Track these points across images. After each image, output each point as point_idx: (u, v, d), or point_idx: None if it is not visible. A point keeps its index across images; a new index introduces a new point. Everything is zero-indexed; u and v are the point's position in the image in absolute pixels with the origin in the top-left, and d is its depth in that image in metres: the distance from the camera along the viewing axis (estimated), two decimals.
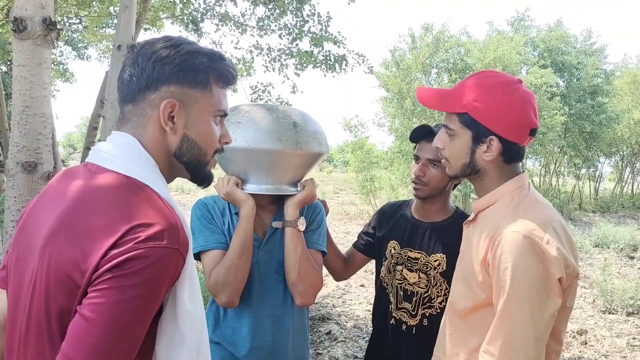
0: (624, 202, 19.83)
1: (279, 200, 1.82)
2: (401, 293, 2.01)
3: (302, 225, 1.73)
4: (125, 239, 0.93)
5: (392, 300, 2.05)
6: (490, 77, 1.40)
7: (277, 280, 1.77)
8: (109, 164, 1.06)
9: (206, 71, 1.13)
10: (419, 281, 1.96)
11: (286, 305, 1.79)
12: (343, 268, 2.27)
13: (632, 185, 22.06)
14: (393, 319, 2.03)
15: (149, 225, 0.95)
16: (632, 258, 9.26)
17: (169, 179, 1.17)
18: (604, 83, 19.24)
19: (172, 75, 1.09)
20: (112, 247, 0.92)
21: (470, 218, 1.51)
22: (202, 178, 1.22)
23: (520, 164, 1.47)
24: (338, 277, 2.31)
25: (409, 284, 1.99)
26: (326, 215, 1.98)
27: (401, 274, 2.01)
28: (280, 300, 1.78)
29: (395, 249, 2.06)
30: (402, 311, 2.00)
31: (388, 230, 2.14)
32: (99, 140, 5.68)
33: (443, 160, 1.50)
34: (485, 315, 1.33)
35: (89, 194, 1.02)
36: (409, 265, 1.99)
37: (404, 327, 1.99)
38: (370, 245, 2.22)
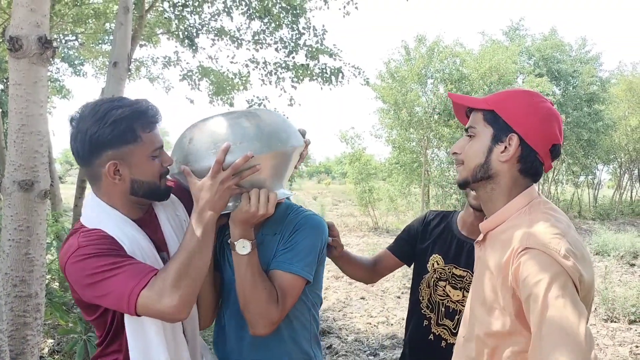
0: (623, 209, 19.83)
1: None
2: (443, 309, 1.98)
3: (243, 248, 1.49)
4: None
5: (431, 315, 2.01)
6: (520, 89, 1.42)
7: None
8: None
9: (132, 130, 1.41)
10: (463, 299, 1.93)
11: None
12: (370, 274, 2.24)
13: (631, 192, 22.10)
14: (432, 334, 2.00)
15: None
16: (632, 265, 9.23)
17: (135, 209, 1.52)
18: (600, 90, 19.33)
19: (107, 144, 1.39)
20: None
21: (479, 238, 1.46)
22: (160, 197, 1.55)
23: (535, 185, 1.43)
24: (367, 283, 2.33)
25: (451, 301, 1.95)
26: (328, 240, 1.75)
27: (444, 290, 1.98)
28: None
29: (438, 264, 2.02)
30: (443, 328, 1.97)
31: (432, 242, 2.09)
32: None
33: (457, 165, 1.47)
34: (507, 344, 1.28)
35: None
36: (453, 282, 1.95)
37: (443, 344, 1.96)
38: (408, 253, 2.18)
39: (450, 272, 1.97)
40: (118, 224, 1.45)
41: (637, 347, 5.11)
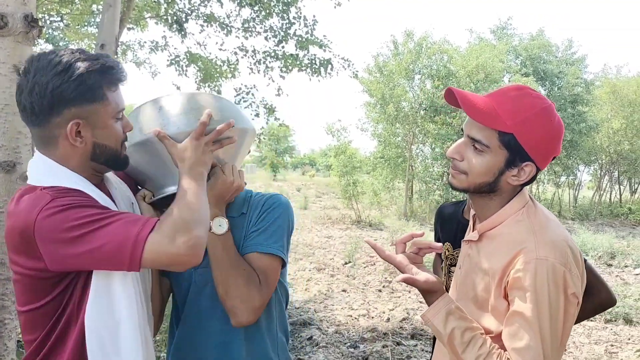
0: (602, 210, 20.12)
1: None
2: None
3: (220, 227, 1.44)
4: None
5: None
6: (534, 97, 1.31)
7: (218, 301, 1.47)
8: (28, 180, 1.31)
9: (100, 87, 1.26)
10: None
11: (233, 330, 1.50)
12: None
13: (610, 194, 22.41)
14: None
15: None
16: (610, 265, 9.38)
17: (94, 175, 1.35)
18: (584, 92, 19.57)
19: (71, 100, 1.22)
20: None
21: (472, 238, 1.44)
22: (119, 166, 1.38)
23: None
24: None
25: None
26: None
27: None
28: (224, 325, 1.50)
29: (448, 250, 2.07)
30: None
31: (444, 232, 2.15)
32: None
33: (456, 171, 1.39)
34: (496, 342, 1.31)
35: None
36: None
37: None
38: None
39: (457, 257, 2.01)
40: (81, 183, 1.28)
41: (612, 345, 5.20)
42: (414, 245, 1.43)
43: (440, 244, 1.43)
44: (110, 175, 1.47)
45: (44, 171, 1.28)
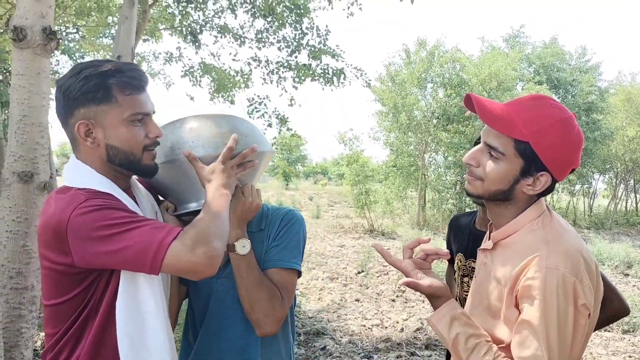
0: (618, 218, 19.89)
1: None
2: None
3: (243, 247, 1.51)
4: None
5: None
6: (554, 107, 1.30)
7: (238, 309, 1.58)
8: (64, 182, 1.38)
9: (105, 87, 1.31)
10: None
11: (250, 335, 1.59)
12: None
13: (626, 202, 22.16)
14: None
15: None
16: (626, 275, 9.25)
17: (119, 178, 1.40)
18: (598, 100, 19.40)
19: (78, 100, 1.31)
20: None
21: (487, 247, 1.44)
22: (141, 172, 1.42)
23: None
24: None
25: None
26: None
27: (468, 285, 2.00)
28: (243, 331, 1.59)
29: (461, 261, 2.07)
30: None
31: (456, 243, 2.16)
32: None
33: (472, 177, 1.39)
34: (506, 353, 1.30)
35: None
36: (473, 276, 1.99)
37: None
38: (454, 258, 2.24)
39: (470, 267, 2.01)
40: (111, 187, 1.35)
41: (630, 357, 5.12)
42: (422, 252, 1.44)
43: (446, 251, 1.42)
44: (137, 182, 1.54)
45: (76, 173, 1.36)
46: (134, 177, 1.51)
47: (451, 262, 2.31)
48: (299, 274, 1.64)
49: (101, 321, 1.31)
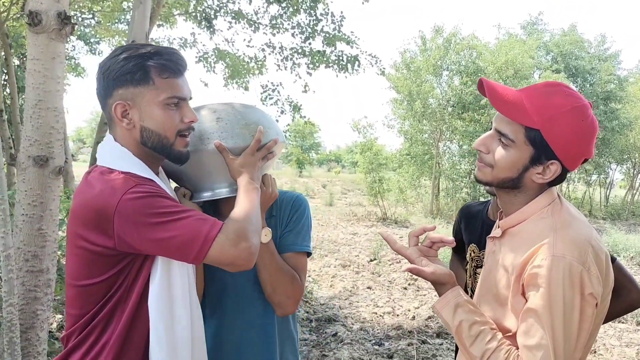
0: (635, 209, 19.66)
1: None
2: None
3: (265, 236, 1.54)
4: None
5: None
6: (567, 95, 1.28)
7: (255, 290, 1.64)
8: (99, 161, 1.40)
9: (143, 69, 1.33)
10: None
11: (267, 315, 1.67)
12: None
13: None
14: None
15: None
16: None
17: (152, 162, 1.41)
18: (617, 89, 19.11)
19: (116, 81, 1.33)
20: None
21: (496, 234, 1.43)
22: (173, 157, 1.42)
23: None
24: None
25: None
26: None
27: None
28: (261, 310, 1.66)
29: (474, 252, 2.07)
30: None
31: (468, 233, 2.14)
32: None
33: (481, 164, 1.38)
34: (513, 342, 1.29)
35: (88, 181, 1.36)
36: None
37: None
38: (462, 246, 2.23)
39: (483, 258, 1.99)
40: (148, 173, 1.37)
41: None
42: (427, 239, 1.44)
43: (452, 238, 1.41)
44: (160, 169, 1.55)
45: (113, 153, 1.38)
46: None
47: (456, 250, 2.29)
48: (309, 254, 1.73)
49: (134, 305, 1.33)
